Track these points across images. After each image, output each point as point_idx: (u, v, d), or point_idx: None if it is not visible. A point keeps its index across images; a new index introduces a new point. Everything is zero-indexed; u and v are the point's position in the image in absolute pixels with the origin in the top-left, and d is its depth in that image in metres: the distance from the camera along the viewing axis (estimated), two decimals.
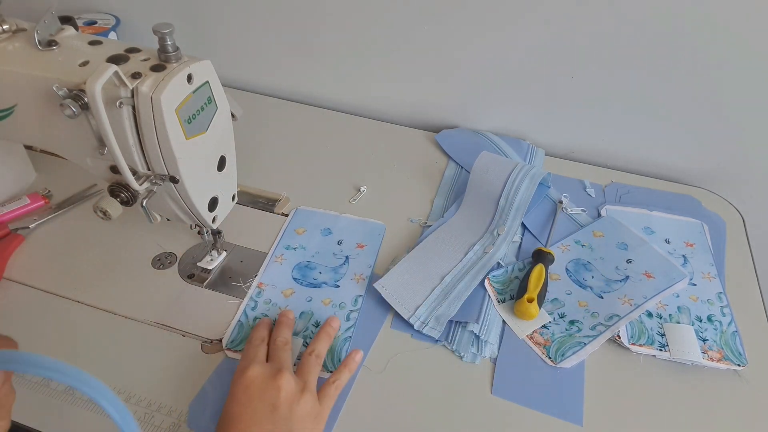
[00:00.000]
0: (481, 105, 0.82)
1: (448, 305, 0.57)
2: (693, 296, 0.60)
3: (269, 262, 0.62)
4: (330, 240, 0.65)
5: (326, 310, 0.58)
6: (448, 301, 0.57)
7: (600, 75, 0.72)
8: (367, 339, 0.55)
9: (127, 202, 0.49)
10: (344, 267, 0.62)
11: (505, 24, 0.71)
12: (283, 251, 0.64)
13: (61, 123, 0.45)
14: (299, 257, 0.63)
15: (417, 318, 0.56)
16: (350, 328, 0.56)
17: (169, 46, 0.44)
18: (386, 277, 0.59)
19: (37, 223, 0.66)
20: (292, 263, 0.62)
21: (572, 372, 0.53)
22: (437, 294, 0.58)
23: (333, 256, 0.63)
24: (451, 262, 0.62)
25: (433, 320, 0.56)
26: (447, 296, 0.58)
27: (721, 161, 0.76)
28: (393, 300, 0.57)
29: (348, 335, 0.55)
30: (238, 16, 0.84)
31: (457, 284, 0.59)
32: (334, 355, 0.53)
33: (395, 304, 0.57)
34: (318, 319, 0.57)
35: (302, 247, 0.64)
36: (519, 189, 0.67)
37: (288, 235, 0.66)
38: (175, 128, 0.44)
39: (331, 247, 0.64)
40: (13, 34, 0.48)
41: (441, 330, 0.55)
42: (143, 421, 0.48)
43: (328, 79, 0.88)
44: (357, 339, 0.55)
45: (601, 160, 0.81)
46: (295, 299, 0.59)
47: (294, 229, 0.66)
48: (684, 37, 0.66)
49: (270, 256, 0.63)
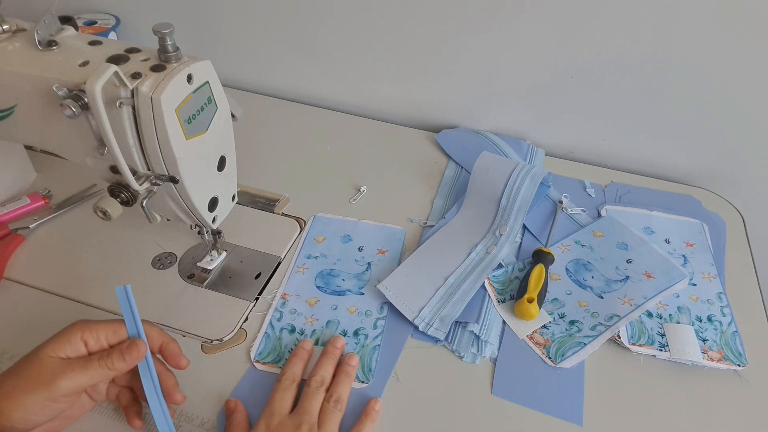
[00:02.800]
0: (481, 105, 0.82)
1: (452, 306, 0.57)
2: (693, 296, 0.60)
3: (291, 272, 0.61)
4: (351, 247, 0.65)
5: (352, 318, 0.57)
6: (452, 302, 0.57)
7: (600, 75, 0.72)
8: (395, 346, 0.55)
9: (127, 202, 0.49)
10: (367, 273, 0.62)
11: (505, 24, 0.71)
12: (304, 261, 0.63)
13: (61, 123, 0.45)
14: (321, 265, 0.62)
15: (421, 319, 0.56)
16: (378, 336, 0.55)
17: (169, 46, 0.44)
18: (389, 279, 0.59)
19: (37, 223, 0.66)
20: (315, 272, 0.62)
21: (572, 372, 0.53)
22: (441, 295, 0.58)
23: (355, 263, 0.63)
24: (454, 262, 0.62)
25: (437, 321, 0.56)
26: (451, 297, 0.58)
27: (721, 161, 0.76)
28: (397, 301, 0.57)
29: (377, 343, 0.55)
30: (238, 16, 0.84)
31: (461, 285, 0.59)
32: (365, 365, 0.53)
33: (399, 305, 0.57)
34: (345, 328, 0.56)
35: (323, 255, 0.64)
36: (520, 189, 0.67)
37: (308, 244, 0.65)
38: (175, 128, 0.44)
39: (353, 254, 0.64)
40: (13, 34, 0.48)
41: (446, 331, 0.55)
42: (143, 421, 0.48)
43: (328, 79, 0.88)
44: (386, 347, 0.55)
45: (601, 160, 0.81)
46: (320, 308, 0.58)
47: (313, 237, 0.66)
48: (684, 37, 0.66)
49: (292, 266, 0.62)
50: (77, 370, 0.40)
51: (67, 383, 0.39)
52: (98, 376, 0.41)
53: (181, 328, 0.56)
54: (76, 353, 0.41)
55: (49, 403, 0.39)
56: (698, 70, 0.68)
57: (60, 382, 0.39)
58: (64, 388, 0.39)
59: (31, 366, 0.39)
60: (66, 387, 0.39)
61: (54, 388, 0.39)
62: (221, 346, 0.54)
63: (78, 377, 0.40)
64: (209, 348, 0.54)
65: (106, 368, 0.41)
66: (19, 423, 0.38)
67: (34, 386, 0.39)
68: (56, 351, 0.40)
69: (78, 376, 0.40)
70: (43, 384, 0.39)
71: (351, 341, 0.55)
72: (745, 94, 0.69)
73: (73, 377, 0.40)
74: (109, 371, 0.41)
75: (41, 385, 0.39)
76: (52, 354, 0.40)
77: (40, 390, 0.39)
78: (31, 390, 0.39)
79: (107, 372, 0.41)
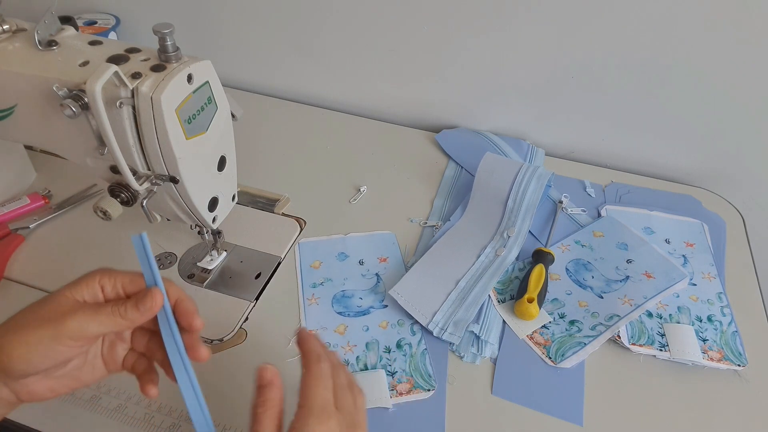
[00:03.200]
0: (481, 105, 0.82)
1: (465, 310, 0.56)
2: (693, 296, 0.60)
3: (305, 307, 0.58)
4: (350, 263, 0.63)
5: (388, 333, 0.55)
6: (465, 306, 0.57)
7: (600, 75, 0.72)
8: (440, 347, 0.54)
9: (127, 202, 0.49)
10: (380, 285, 0.60)
11: (505, 24, 0.71)
12: (311, 291, 0.60)
13: (61, 123, 0.45)
14: (331, 290, 0.60)
15: (435, 324, 0.55)
16: (420, 340, 0.55)
17: (169, 46, 0.44)
18: (400, 284, 0.58)
19: (37, 223, 0.66)
20: (328, 299, 0.59)
21: (572, 372, 0.53)
22: (453, 299, 0.58)
23: (363, 278, 0.61)
24: (464, 265, 0.62)
25: (451, 326, 0.55)
26: (463, 301, 0.57)
27: (721, 161, 0.76)
28: (409, 306, 0.57)
29: (423, 348, 0.54)
30: (238, 16, 0.84)
31: (473, 288, 0.59)
32: (422, 373, 0.52)
33: (412, 310, 0.56)
34: (386, 344, 0.55)
35: (328, 279, 0.61)
36: (527, 190, 0.67)
37: (306, 273, 0.62)
38: (175, 128, 0.44)
39: (356, 269, 0.62)
40: (13, 34, 0.48)
41: (461, 336, 0.54)
42: (143, 421, 0.48)
43: (328, 79, 0.88)
44: (433, 350, 0.54)
45: (601, 160, 0.81)
46: (352, 333, 0.56)
47: (309, 265, 0.63)
48: (684, 37, 0.66)
49: (302, 300, 0.59)
50: (88, 313, 0.37)
51: (75, 324, 0.36)
52: (109, 323, 0.38)
53: None
54: (93, 298, 0.39)
55: (53, 345, 0.36)
56: (698, 70, 0.68)
57: (68, 321, 0.36)
58: (70, 329, 0.36)
59: (45, 303, 0.38)
60: (73, 328, 0.36)
61: (60, 326, 0.36)
62: (221, 346, 0.54)
63: (87, 320, 0.37)
64: (209, 348, 0.54)
65: (119, 316, 0.38)
66: (19, 362, 0.36)
67: (40, 323, 0.36)
68: (73, 293, 0.38)
69: (87, 319, 0.37)
70: (50, 321, 0.36)
71: (398, 354, 0.54)
72: (745, 94, 0.69)
73: (82, 319, 0.37)
74: (121, 320, 0.38)
75: (48, 321, 0.36)
76: (69, 295, 0.38)
77: (46, 326, 0.36)
78: (37, 326, 0.36)
79: (119, 320, 0.38)
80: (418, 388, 0.51)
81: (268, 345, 0.55)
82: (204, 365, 0.53)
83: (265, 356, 0.54)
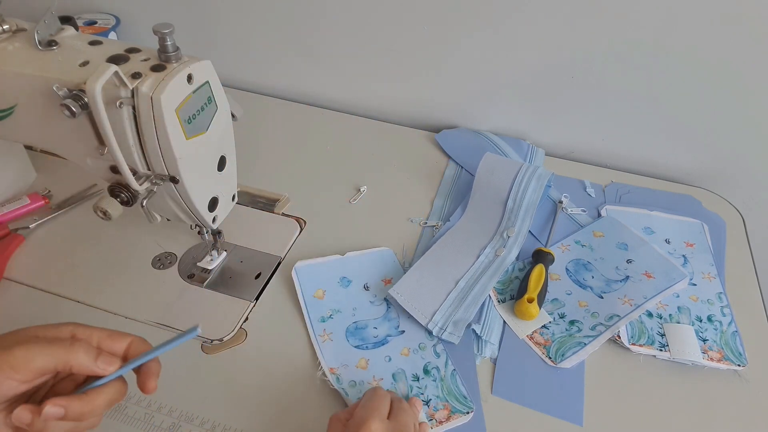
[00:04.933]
0: (481, 105, 0.82)
1: (464, 310, 0.56)
2: (693, 296, 0.60)
3: (318, 345, 0.54)
4: (355, 289, 0.60)
5: (412, 360, 0.53)
6: (464, 306, 0.57)
7: (600, 75, 0.72)
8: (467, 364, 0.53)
9: (127, 202, 0.49)
10: (391, 310, 0.58)
11: (505, 24, 0.71)
12: (322, 327, 0.56)
13: (61, 123, 0.45)
14: (342, 323, 0.56)
15: (435, 324, 0.55)
16: (447, 362, 0.53)
17: (169, 46, 0.44)
18: (400, 283, 0.58)
19: (37, 223, 0.66)
20: (341, 333, 0.55)
21: (572, 372, 0.53)
22: (453, 299, 0.58)
23: (372, 305, 0.58)
24: (464, 265, 0.61)
25: (451, 325, 0.55)
26: (463, 301, 0.57)
27: (721, 161, 0.76)
28: (409, 306, 0.56)
29: (452, 369, 0.52)
30: (238, 16, 0.84)
31: (472, 288, 0.59)
32: (457, 396, 0.50)
33: (411, 310, 0.56)
34: (413, 372, 0.52)
35: (336, 311, 0.57)
36: (527, 190, 0.67)
37: (311, 305, 0.58)
38: (175, 128, 0.44)
39: (363, 296, 0.59)
40: (13, 34, 0.48)
41: (460, 335, 0.54)
42: (143, 421, 0.48)
43: (328, 79, 0.88)
44: (461, 368, 0.53)
45: (601, 160, 0.81)
46: (375, 366, 0.53)
47: (312, 295, 0.59)
48: (684, 37, 0.66)
49: (314, 338, 0.55)
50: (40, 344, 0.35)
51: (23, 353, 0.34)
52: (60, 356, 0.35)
53: (181, 329, 0.56)
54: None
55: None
56: (698, 71, 0.68)
57: (16, 349, 0.34)
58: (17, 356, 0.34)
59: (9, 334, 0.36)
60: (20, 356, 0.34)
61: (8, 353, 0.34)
62: (221, 347, 0.54)
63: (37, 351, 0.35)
64: (209, 348, 0.54)
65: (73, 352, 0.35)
66: None
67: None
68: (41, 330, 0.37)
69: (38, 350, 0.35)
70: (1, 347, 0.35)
71: (428, 381, 0.52)
72: (746, 94, 0.69)
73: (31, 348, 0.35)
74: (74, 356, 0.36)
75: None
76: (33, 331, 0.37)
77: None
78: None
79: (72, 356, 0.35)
80: (456, 413, 0.49)
81: (268, 345, 0.55)
82: (204, 365, 0.53)
83: (265, 356, 0.54)
